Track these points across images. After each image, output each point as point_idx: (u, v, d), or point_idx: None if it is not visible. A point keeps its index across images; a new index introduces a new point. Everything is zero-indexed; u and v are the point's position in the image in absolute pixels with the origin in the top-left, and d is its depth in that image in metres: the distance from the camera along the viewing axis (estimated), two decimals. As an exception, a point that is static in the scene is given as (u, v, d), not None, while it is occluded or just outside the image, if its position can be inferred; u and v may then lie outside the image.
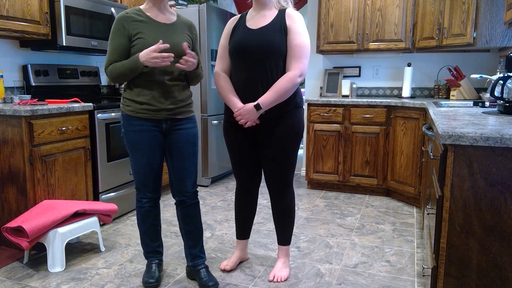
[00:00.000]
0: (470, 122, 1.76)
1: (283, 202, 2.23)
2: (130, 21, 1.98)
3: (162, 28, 2.02)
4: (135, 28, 1.97)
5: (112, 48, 1.99)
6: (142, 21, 1.99)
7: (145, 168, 2.08)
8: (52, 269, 2.36)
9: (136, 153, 2.07)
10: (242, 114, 2.04)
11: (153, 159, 2.08)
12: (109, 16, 3.36)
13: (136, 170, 2.11)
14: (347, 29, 3.99)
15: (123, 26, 1.97)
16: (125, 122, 2.06)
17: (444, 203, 1.53)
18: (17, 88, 3.07)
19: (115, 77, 2.00)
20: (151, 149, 2.07)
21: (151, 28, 1.99)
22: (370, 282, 2.25)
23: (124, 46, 1.98)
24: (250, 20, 2.10)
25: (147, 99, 2.00)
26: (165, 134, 2.10)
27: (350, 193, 3.97)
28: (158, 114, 2.03)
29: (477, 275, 1.52)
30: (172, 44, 1.99)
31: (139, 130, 2.03)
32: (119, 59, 1.99)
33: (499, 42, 3.20)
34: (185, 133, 2.13)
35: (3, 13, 2.61)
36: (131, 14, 1.99)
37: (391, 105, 3.66)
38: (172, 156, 2.13)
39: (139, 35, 1.97)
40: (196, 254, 2.23)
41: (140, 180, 2.12)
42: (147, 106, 2.01)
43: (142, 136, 2.04)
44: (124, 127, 2.07)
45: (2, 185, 2.60)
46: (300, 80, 2.00)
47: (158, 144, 2.09)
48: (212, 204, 3.60)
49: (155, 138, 2.07)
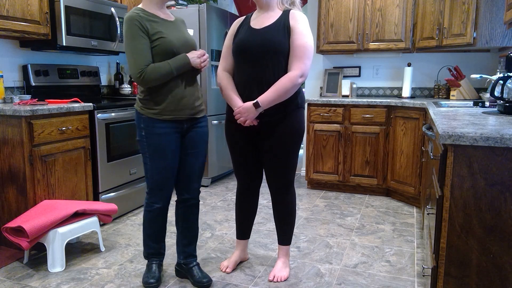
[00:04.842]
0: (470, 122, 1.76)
1: (284, 202, 2.24)
2: (144, 20, 1.93)
3: (172, 26, 2.03)
4: (152, 28, 1.93)
5: (141, 49, 1.91)
6: (154, 20, 1.97)
7: (165, 171, 2.05)
8: (52, 269, 2.36)
9: (156, 156, 2.02)
10: (241, 112, 2.04)
11: (173, 162, 2.06)
12: (109, 16, 3.36)
13: (154, 174, 2.05)
14: (347, 29, 3.99)
15: (142, 25, 1.91)
16: (147, 125, 2.01)
17: (444, 203, 1.53)
18: (17, 88, 3.07)
19: (156, 79, 1.92)
20: (173, 152, 2.05)
21: (164, 27, 1.98)
22: (370, 282, 2.25)
23: (148, 46, 1.93)
24: (254, 20, 2.11)
25: (171, 100, 1.99)
26: (183, 135, 2.10)
27: (350, 193, 3.96)
28: (181, 115, 2.02)
29: (477, 275, 1.52)
30: (185, 40, 2.03)
31: (163, 132, 2.00)
32: (150, 59, 1.93)
33: (499, 42, 3.20)
34: (201, 132, 2.14)
35: (3, 13, 2.61)
36: (141, 14, 1.94)
37: (391, 105, 3.66)
38: (186, 154, 2.12)
39: (158, 34, 1.94)
40: (190, 252, 2.24)
41: (156, 184, 2.07)
42: (171, 107, 1.99)
43: (166, 139, 2.01)
44: (146, 130, 2.01)
45: (2, 185, 2.60)
46: (301, 80, 2.00)
47: (178, 147, 2.08)
48: (212, 204, 3.60)
49: (177, 140, 2.06)
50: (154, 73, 1.91)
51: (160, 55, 1.95)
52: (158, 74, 1.91)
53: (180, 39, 2.01)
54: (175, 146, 2.05)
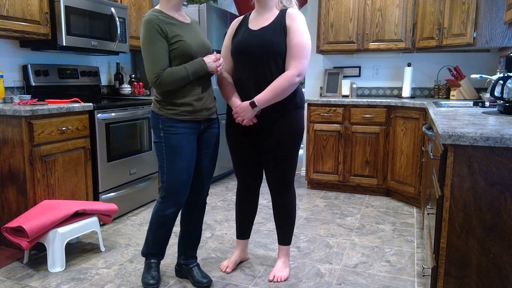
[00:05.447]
0: (470, 122, 1.76)
1: (284, 202, 2.24)
2: (164, 23, 1.90)
3: (189, 29, 2.02)
4: (171, 31, 1.92)
5: (159, 52, 1.89)
6: (172, 23, 1.95)
7: (181, 174, 2.02)
8: (52, 269, 2.36)
9: (175, 158, 2.00)
10: (238, 111, 2.05)
11: (190, 165, 2.04)
12: (109, 16, 3.36)
13: (172, 176, 2.02)
14: (347, 29, 3.99)
15: (160, 28, 1.89)
16: (166, 126, 1.99)
17: (444, 203, 1.53)
18: (17, 88, 3.07)
19: (172, 82, 1.91)
20: (191, 154, 2.04)
21: (183, 29, 1.97)
22: (370, 282, 2.25)
23: (166, 49, 1.91)
24: (252, 21, 2.12)
25: (190, 101, 1.98)
26: (199, 135, 2.10)
27: (350, 193, 3.96)
28: (199, 115, 2.02)
29: (477, 275, 1.52)
30: (203, 43, 2.04)
31: (182, 133, 1.99)
32: (167, 63, 1.92)
33: (499, 42, 3.20)
34: (214, 133, 2.16)
35: (3, 13, 2.61)
36: (159, 17, 1.91)
37: (391, 105, 3.66)
38: (201, 154, 2.12)
39: (177, 37, 1.92)
40: (191, 254, 2.25)
41: (173, 187, 2.03)
42: (190, 108, 1.98)
43: (185, 140, 2.00)
44: (165, 131, 1.99)
45: (2, 185, 2.60)
46: (298, 79, 2.00)
47: (195, 149, 2.07)
48: (212, 204, 3.60)
49: (195, 142, 2.06)
50: (170, 77, 1.90)
51: (179, 58, 1.94)
52: (174, 79, 1.91)
53: (198, 42, 2.01)
54: (193, 147, 2.04)
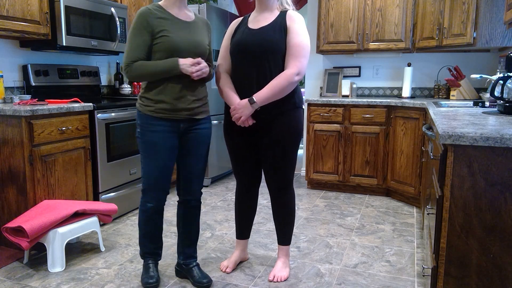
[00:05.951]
0: (470, 122, 1.76)
1: (283, 202, 2.24)
2: (154, 17, 1.94)
3: (185, 26, 2.02)
4: (159, 25, 1.94)
5: (136, 44, 1.94)
6: (165, 18, 1.97)
7: (158, 170, 2.05)
8: (52, 269, 2.36)
9: (151, 155, 2.03)
10: (236, 109, 2.05)
11: (168, 162, 2.06)
12: (109, 16, 3.36)
13: (148, 172, 2.06)
14: (347, 29, 3.99)
15: (147, 22, 1.93)
16: (143, 122, 2.02)
17: (444, 203, 1.53)
18: (17, 88, 3.07)
19: (140, 75, 1.96)
20: (168, 152, 2.04)
21: (174, 25, 1.98)
22: (370, 282, 2.25)
23: (147, 43, 1.95)
24: (252, 21, 2.13)
25: (168, 99, 1.99)
26: (181, 135, 2.09)
27: (350, 193, 3.96)
28: (178, 114, 2.02)
29: (477, 275, 1.52)
30: (195, 42, 2.02)
31: (159, 130, 2.01)
32: (142, 56, 1.96)
33: (499, 42, 3.20)
34: (201, 133, 2.13)
35: (3, 13, 2.61)
36: (153, 11, 1.96)
37: (391, 105, 3.66)
38: (186, 155, 2.12)
39: (163, 32, 1.94)
40: (190, 253, 2.25)
41: (149, 183, 2.08)
42: (167, 106, 1.99)
43: (161, 137, 2.01)
44: (142, 127, 2.03)
45: (2, 185, 2.60)
46: (297, 78, 2.01)
47: (174, 146, 2.07)
48: (212, 204, 3.60)
49: (173, 140, 2.05)
50: (139, 69, 1.95)
51: (162, 52, 1.96)
52: (142, 72, 1.95)
53: (188, 40, 2.00)
54: (170, 145, 2.04)
